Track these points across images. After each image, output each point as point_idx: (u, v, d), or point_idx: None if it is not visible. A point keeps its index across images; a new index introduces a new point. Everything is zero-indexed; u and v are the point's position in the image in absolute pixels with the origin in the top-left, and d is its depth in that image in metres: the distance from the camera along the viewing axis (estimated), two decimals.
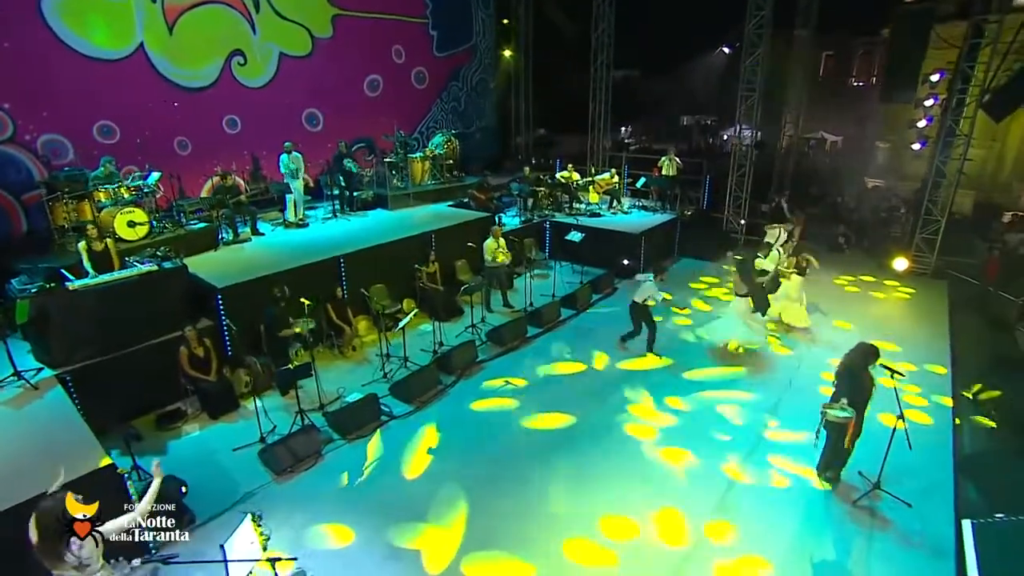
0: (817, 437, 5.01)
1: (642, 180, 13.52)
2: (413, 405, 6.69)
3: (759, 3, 11.68)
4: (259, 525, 3.75)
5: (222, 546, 3.46)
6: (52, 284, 5.91)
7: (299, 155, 10.08)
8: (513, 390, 7.07)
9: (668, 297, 8.25)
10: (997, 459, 5.84)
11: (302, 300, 6.67)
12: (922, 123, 11.83)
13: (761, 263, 8.53)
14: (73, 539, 2.94)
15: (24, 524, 2.92)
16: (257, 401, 6.03)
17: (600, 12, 13.87)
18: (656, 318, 8.03)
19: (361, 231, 9.87)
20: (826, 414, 4.78)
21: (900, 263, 11.34)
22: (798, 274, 8.43)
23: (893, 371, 5.01)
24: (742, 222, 12.65)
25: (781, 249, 8.89)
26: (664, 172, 13.00)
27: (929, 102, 11.73)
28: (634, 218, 12.36)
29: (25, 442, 4.65)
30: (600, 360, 7.82)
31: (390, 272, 8.88)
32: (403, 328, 6.98)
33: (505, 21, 15.62)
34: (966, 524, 4.46)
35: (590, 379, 7.40)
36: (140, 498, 3.36)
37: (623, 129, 23.71)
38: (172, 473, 4.81)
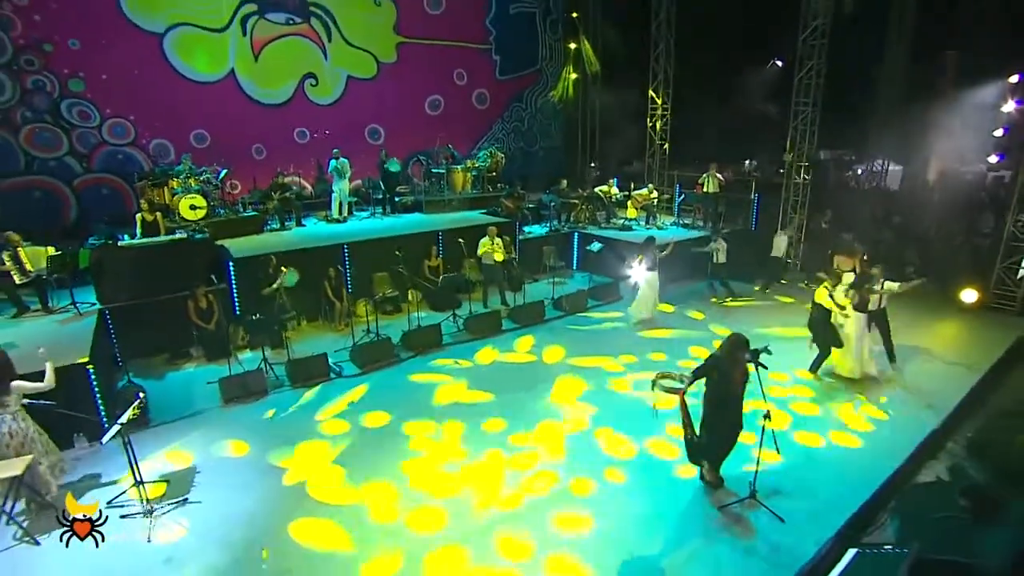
0: (655, 414, 5.15)
1: (681, 197, 13.57)
2: (361, 369, 7.84)
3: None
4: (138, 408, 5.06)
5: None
6: (108, 241, 8.06)
7: (345, 160, 11.92)
8: (455, 368, 7.90)
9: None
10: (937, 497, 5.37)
11: (282, 269, 8.20)
12: (998, 132, 10.55)
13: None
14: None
15: None
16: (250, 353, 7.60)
17: (660, 34, 14.38)
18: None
19: (386, 227, 11.38)
20: (655, 383, 4.95)
21: (969, 295, 10.18)
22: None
23: (757, 363, 5.02)
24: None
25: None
26: (706, 189, 12.98)
27: (1010, 107, 10.43)
28: (667, 232, 12.50)
29: (49, 341, 6.51)
30: (553, 354, 8.33)
31: (397, 262, 10.20)
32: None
33: (572, 46, 16.66)
34: (850, 552, 4.30)
35: (533, 369, 7.96)
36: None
37: (747, 162, 23.08)
38: (155, 393, 6.47)
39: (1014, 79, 10.58)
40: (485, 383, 7.43)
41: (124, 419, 4.75)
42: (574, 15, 16.42)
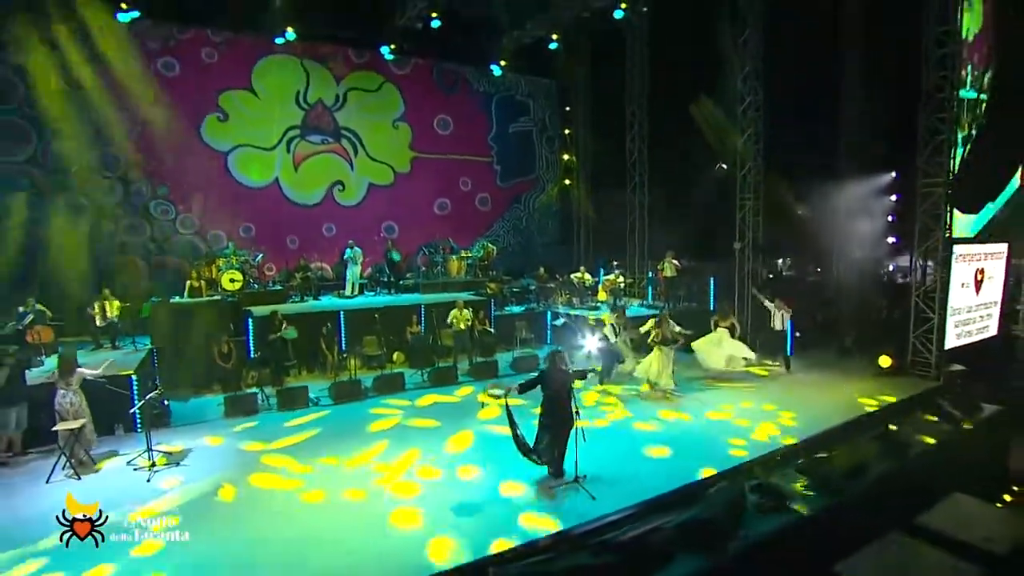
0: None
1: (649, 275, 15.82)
2: (334, 400, 10.19)
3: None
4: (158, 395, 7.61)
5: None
6: (161, 299, 11.11)
7: (359, 249, 14.97)
8: (408, 406, 10.13)
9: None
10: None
11: (285, 324, 10.90)
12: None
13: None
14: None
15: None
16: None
17: (635, 146, 17.34)
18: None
19: (384, 302, 14.08)
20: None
21: (884, 360, 11.59)
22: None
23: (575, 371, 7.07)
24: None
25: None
26: (665, 273, 15.13)
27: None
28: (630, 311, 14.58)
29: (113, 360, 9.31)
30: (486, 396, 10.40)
31: (385, 328, 12.74)
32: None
33: (566, 157, 19.92)
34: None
35: (458, 405, 10.13)
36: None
37: (780, 262, 24.67)
38: (179, 409, 9.21)
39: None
40: (425, 413, 9.63)
41: (146, 399, 7.29)
42: (566, 131, 19.85)
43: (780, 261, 22.17)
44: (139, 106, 13.33)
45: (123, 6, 12.19)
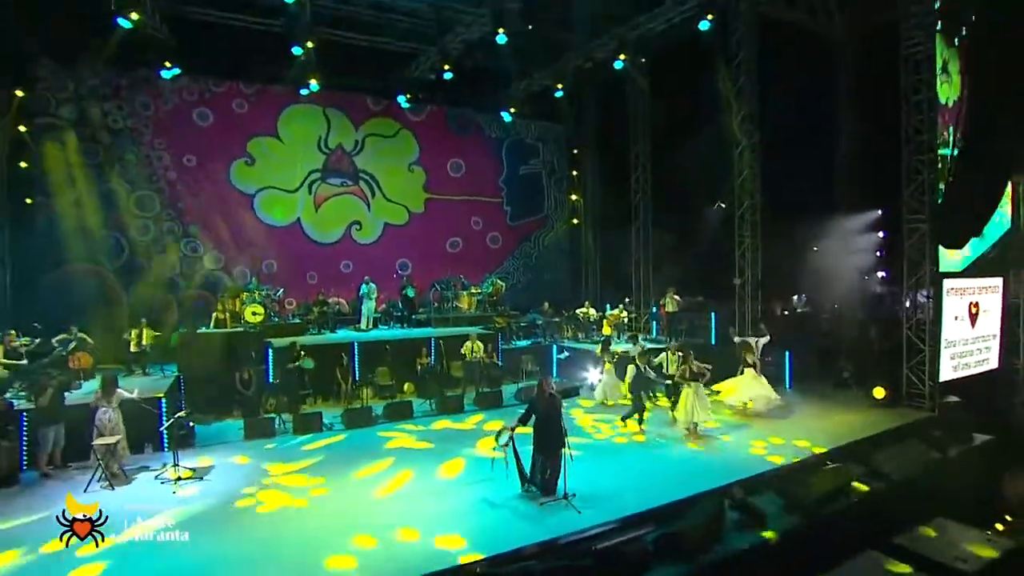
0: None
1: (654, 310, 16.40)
2: (346, 427, 10.85)
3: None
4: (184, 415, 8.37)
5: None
6: (189, 330, 12.00)
7: (373, 285, 15.80)
8: (419, 431, 10.74)
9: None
10: None
11: (303, 354, 11.68)
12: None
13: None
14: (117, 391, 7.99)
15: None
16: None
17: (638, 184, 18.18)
18: None
19: (397, 335, 14.84)
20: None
21: (879, 392, 11.92)
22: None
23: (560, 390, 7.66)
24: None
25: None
26: (668, 309, 15.68)
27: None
28: (624, 344, 15.10)
29: (143, 385, 10.06)
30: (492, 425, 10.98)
31: (396, 359, 13.45)
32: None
33: (574, 197, 20.83)
34: None
35: (466, 432, 10.70)
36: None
37: (796, 298, 25.07)
38: (202, 431, 9.97)
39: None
40: (431, 437, 10.24)
41: (175, 417, 8.06)
42: (574, 173, 20.82)
43: (796, 298, 22.61)
44: None
45: (167, 64, 13.52)
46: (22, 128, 13.25)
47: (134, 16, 11.21)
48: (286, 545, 6.31)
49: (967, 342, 12.54)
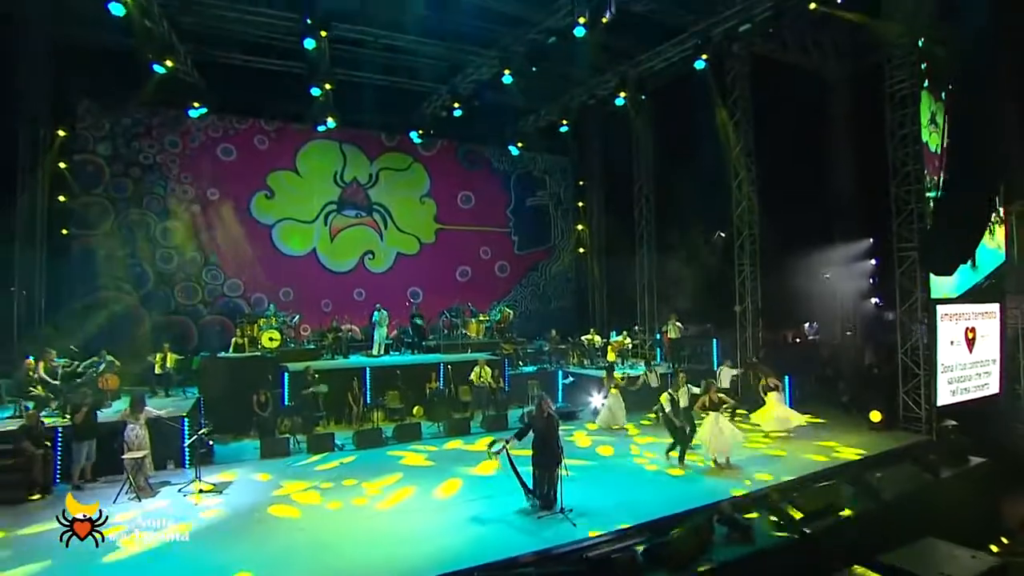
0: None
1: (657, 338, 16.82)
2: (357, 447, 11.36)
3: None
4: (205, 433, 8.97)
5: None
6: (209, 354, 12.68)
7: (385, 312, 16.45)
8: (428, 451, 11.23)
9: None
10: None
11: (315, 376, 12.28)
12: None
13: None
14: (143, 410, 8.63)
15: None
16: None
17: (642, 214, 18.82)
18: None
19: (407, 361, 15.40)
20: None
21: (875, 415, 12.20)
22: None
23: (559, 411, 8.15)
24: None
25: None
26: (670, 335, 16.11)
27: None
28: (627, 371, 15.52)
29: (167, 406, 10.68)
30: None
31: (406, 384, 13.97)
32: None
33: (580, 227, 21.51)
34: None
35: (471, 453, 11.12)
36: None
37: (807, 325, 25.28)
38: (220, 450, 10.60)
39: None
40: (434, 456, 10.75)
41: (197, 434, 8.65)
42: (580, 204, 21.55)
43: (807, 325, 22.90)
44: None
45: (195, 104, 14.56)
46: (62, 165, 14.25)
47: (168, 63, 12.21)
48: (297, 552, 6.82)
49: (965, 367, 12.80)
